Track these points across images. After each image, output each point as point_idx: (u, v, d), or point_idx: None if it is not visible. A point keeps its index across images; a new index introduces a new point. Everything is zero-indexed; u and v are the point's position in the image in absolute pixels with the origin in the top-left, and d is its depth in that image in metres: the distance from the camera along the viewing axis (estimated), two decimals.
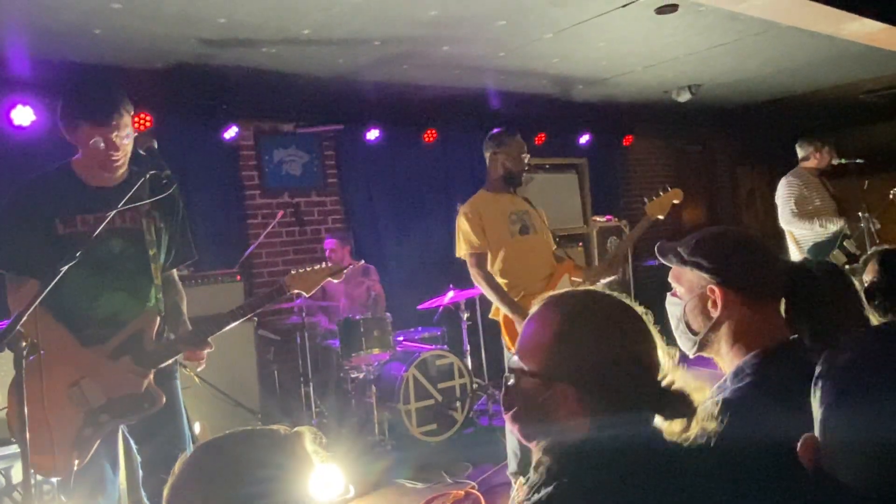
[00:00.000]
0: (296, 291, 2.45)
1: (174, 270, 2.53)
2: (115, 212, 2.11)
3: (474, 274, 3.40)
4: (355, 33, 3.89)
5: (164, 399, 2.28)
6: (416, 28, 3.88)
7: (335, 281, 2.56)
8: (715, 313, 1.39)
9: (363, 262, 5.41)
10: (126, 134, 2.21)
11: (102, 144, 2.17)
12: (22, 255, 2.20)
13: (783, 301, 1.40)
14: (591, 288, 1.23)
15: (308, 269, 2.46)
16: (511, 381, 1.15)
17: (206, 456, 1.08)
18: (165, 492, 1.06)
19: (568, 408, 1.08)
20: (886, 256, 2.26)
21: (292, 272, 2.45)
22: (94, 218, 2.21)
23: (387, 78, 4.95)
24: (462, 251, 3.47)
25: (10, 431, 2.18)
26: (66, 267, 1.93)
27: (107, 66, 4.09)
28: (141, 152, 2.23)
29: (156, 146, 2.25)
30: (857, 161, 4.95)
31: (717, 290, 1.38)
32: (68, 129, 2.21)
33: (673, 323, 1.50)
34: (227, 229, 5.37)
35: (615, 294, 1.18)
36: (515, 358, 1.16)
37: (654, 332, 1.14)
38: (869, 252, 2.38)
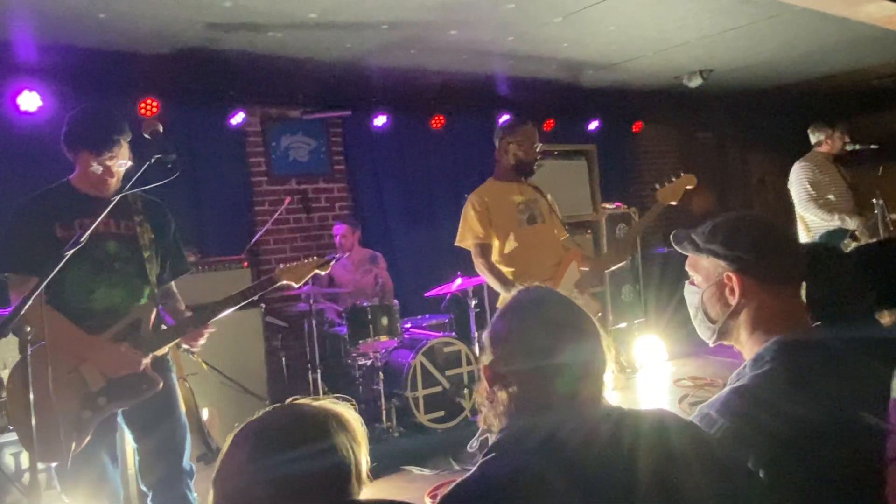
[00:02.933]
0: (285, 282, 2.65)
1: (173, 283, 2.65)
2: (119, 196, 2.17)
3: (478, 264, 3.39)
4: (363, 17, 3.85)
5: (161, 384, 2.38)
6: (424, 12, 3.83)
7: (322, 273, 2.75)
8: (733, 301, 1.35)
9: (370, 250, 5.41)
10: (122, 162, 2.42)
11: (101, 170, 2.38)
12: (26, 256, 2.32)
13: (803, 285, 1.36)
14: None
15: (296, 262, 2.69)
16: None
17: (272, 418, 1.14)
18: (226, 441, 1.14)
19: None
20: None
21: (281, 266, 2.67)
22: (90, 221, 2.28)
23: (394, 63, 4.90)
24: (466, 241, 3.44)
25: (10, 418, 2.22)
26: (72, 252, 1.98)
27: (113, 52, 4.07)
28: (146, 136, 2.25)
29: (161, 130, 2.26)
30: (872, 147, 4.88)
31: (734, 276, 1.34)
32: (70, 152, 2.41)
33: (691, 312, 1.47)
34: (234, 216, 5.36)
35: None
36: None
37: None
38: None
